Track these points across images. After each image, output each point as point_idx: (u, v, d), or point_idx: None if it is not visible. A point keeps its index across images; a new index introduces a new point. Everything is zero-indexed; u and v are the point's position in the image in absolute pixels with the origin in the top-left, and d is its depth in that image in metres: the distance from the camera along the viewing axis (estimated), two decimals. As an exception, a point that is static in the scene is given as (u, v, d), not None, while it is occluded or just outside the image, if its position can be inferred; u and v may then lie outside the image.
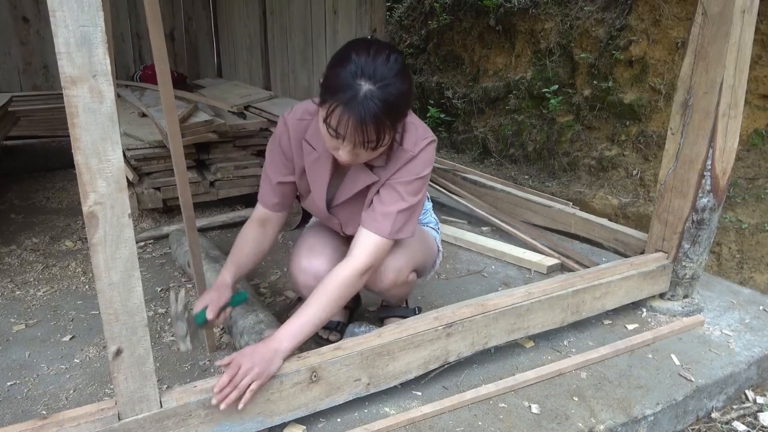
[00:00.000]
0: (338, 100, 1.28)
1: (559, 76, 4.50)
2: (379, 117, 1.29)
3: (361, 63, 1.29)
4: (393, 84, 1.30)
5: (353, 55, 1.30)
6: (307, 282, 1.66)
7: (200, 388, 1.33)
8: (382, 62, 1.30)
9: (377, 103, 1.28)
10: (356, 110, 1.28)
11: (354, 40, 1.39)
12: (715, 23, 1.77)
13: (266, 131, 3.30)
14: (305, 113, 1.56)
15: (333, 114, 1.30)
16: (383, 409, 1.58)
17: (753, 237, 3.09)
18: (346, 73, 1.29)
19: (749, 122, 3.47)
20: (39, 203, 3.44)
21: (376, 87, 1.28)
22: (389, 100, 1.29)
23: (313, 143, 1.54)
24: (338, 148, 1.38)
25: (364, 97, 1.27)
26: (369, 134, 1.31)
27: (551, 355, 1.86)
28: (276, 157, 1.61)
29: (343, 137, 1.33)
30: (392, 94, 1.30)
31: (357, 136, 1.31)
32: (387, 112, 1.30)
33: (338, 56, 1.35)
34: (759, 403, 1.86)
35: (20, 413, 1.59)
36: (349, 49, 1.33)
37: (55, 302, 2.22)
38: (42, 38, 4.90)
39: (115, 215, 1.08)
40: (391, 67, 1.30)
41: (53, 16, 0.94)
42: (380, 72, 1.29)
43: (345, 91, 1.28)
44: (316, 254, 1.69)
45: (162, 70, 1.50)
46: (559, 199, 2.96)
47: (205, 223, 2.95)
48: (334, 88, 1.30)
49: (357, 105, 1.27)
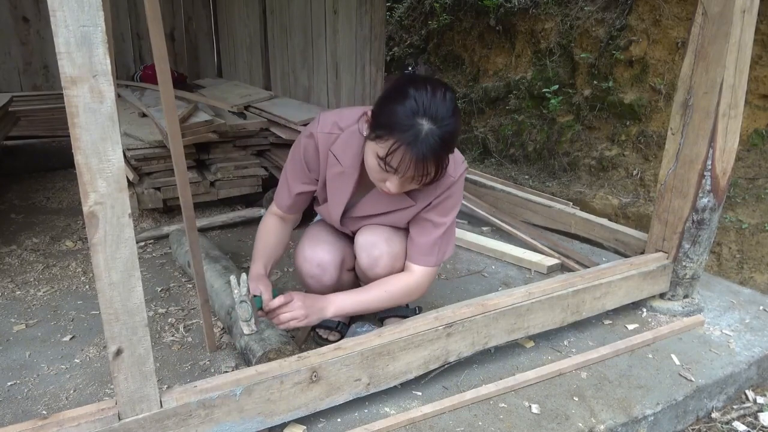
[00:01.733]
0: (400, 140, 1.31)
1: (559, 76, 4.50)
2: (438, 155, 1.33)
3: (422, 101, 1.31)
4: (451, 123, 1.34)
5: (412, 92, 1.32)
6: (311, 271, 1.70)
7: (200, 388, 1.33)
8: (440, 100, 1.33)
9: (437, 141, 1.31)
10: (418, 149, 1.31)
11: (409, 76, 1.46)
12: (716, 23, 1.77)
13: (266, 131, 3.31)
14: (334, 127, 1.56)
15: (395, 153, 1.32)
16: (383, 409, 1.58)
17: (753, 237, 3.09)
18: (407, 110, 1.31)
19: (749, 122, 3.47)
20: (39, 203, 3.44)
21: (436, 126, 1.31)
22: (448, 139, 1.34)
23: (339, 157, 1.56)
24: (386, 180, 1.42)
25: (425, 137, 1.30)
26: (428, 170, 1.35)
27: (551, 355, 1.86)
28: (298, 167, 1.63)
29: (400, 173, 1.36)
30: (450, 132, 1.34)
31: (414, 172, 1.35)
32: (445, 150, 1.35)
33: (394, 91, 1.37)
34: (759, 403, 1.86)
35: (20, 413, 1.59)
36: (406, 85, 1.35)
37: (55, 302, 2.22)
38: (42, 38, 4.90)
39: (115, 215, 1.08)
40: (448, 106, 1.34)
41: (53, 16, 0.94)
42: (440, 111, 1.32)
43: (407, 131, 1.30)
44: (320, 245, 1.72)
45: (162, 70, 1.50)
46: (559, 199, 2.96)
47: (205, 223, 2.95)
48: (394, 125, 1.32)
49: (419, 144, 1.30)
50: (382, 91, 1.43)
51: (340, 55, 3.73)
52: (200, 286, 1.76)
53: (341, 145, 1.55)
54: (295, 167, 1.64)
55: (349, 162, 1.55)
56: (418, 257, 1.62)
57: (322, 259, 1.69)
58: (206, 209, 3.18)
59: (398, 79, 1.41)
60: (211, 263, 2.19)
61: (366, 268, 1.68)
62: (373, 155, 1.39)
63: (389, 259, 1.64)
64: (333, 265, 1.71)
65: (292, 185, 1.66)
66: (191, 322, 2.07)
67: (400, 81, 1.39)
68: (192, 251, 1.71)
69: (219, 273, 2.11)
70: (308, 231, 1.81)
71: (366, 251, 1.65)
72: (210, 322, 1.84)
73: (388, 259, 1.64)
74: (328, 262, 1.69)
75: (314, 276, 1.70)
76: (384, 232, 1.65)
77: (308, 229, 1.84)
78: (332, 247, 1.72)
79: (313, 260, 1.70)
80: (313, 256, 1.70)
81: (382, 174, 1.40)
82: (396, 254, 1.65)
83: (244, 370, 1.42)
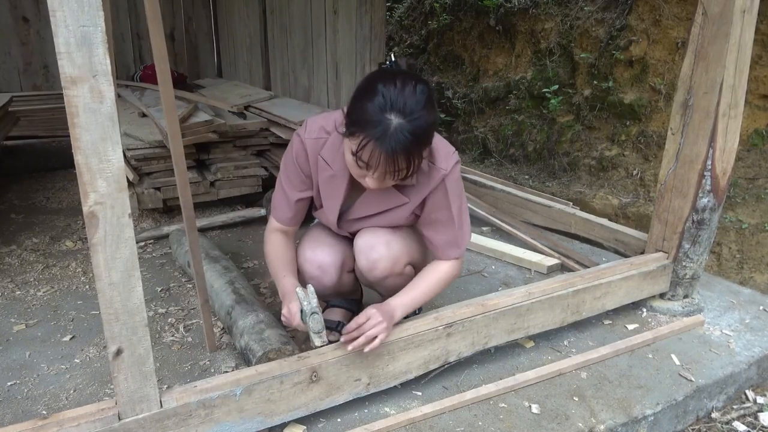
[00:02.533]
0: (369, 136, 1.31)
1: (559, 76, 4.50)
2: (409, 149, 1.32)
3: (390, 96, 1.30)
4: (421, 116, 1.32)
5: (380, 87, 1.32)
6: (312, 272, 1.70)
7: (200, 388, 1.33)
8: (409, 94, 1.31)
9: (407, 136, 1.30)
10: (387, 144, 1.30)
11: (379, 71, 1.41)
12: (716, 23, 1.77)
13: (266, 131, 3.31)
14: (321, 131, 1.56)
15: (364, 149, 1.32)
16: (383, 409, 1.58)
17: (753, 237, 3.09)
18: (375, 106, 1.31)
19: (749, 122, 3.47)
20: (39, 203, 3.44)
21: (405, 120, 1.30)
22: (418, 133, 1.32)
23: (328, 161, 1.56)
24: (365, 176, 1.42)
25: (394, 131, 1.30)
26: (399, 165, 1.34)
27: (551, 355, 1.86)
28: (294, 174, 1.62)
29: (373, 168, 1.36)
30: (421, 126, 1.32)
31: (387, 167, 1.35)
32: (416, 143, 1.33)
33: (364, 88, 1.36)
34: (759, 403, 1.86)
35: (20, 413, 1.59)
36: (374, 81, 1.35)
37: (55, 302, 2.22)
38: (42, 38, 4.90)
39: (115, 215, 1.08)
40: (419, 100, 1.32)
41: (53, 16, 0.95)
42: (409, 105, 1.31)
43: (375, 126, 1.30)
44: (321, 247, 1.72)
45: (162, 70, 1.50)
46: (559, 199, 2.96)
47: (205, 223, 2.94)
48: (363, 121, 1.32)
49: (388, 139, 1.30)
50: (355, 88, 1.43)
51: (340, 55, 3.73)
52: (200, 286, 1.76)
53: (329, 148, 1.55)
54: (290, 175, 1.63)
55: (338, 165, 1.54)
56: (442, 254, 1.64)
57: (322, 261, 1.70)
58: (206, 209, 3.18)
59: (369, 75, 1.41)
60: (211, 263, 2.19)
61: (365, 271, 1.67)
62: (349, 151, 1.39)
63: (388, 262, 1.63)
64: (333, 267, 1.71)
65: (290, 194, 1.64)
66: (191, 322, 2.07)
67: (371, 77, 1.38)
68: (192, 251, 1.71)
69: (219, 273, 2.11)
70: (308, 233, 1.82)
71: (364, 254, 1.65)
72: (210, 322, 1.84)
73: (387, 262, 1.63)
74: (328, 263, 1.69)
75: (315, 277, 1.70)
76: (383, 235, 1.64)
77: (308, 230, 1.84)
78: (332, 249, 1.72)
79: (313, 262, 1.70)
80: (313, 257, 1.70)
81: (359, 170, 1.40)
82: (395, 257, 1.64)
83: (244, 370, 1.42)
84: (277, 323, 1.78)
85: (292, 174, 1.62)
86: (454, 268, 1.65)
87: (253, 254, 2.70)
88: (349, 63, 3.67)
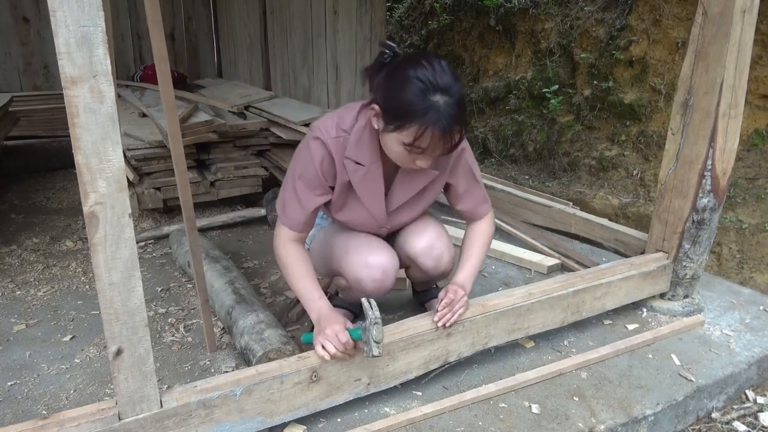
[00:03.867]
0: (423, 122, 1.34)
1: (559, 76, 4.50)
2: (459, 121, 1.38)
3: (427, 78, 1.34)
4: (458, 87, 1.37)
5: (411, 73, 1.35)
6: (375, 276, 1.65)
7: (200, 388, 1.33)
8: (439, 71, 1.35)
9: (456, 109, 1.35)
10: (442, 124, 1.34)
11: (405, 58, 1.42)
12: (716, 23, 1.77)
13: (266, 131, 3.31)
14: (339, 130, 1.54)
15: (422, 136, 1.36)
16: (383, 409, 1.58)
17: (753, 237, 3.09)
18: (416, 92, 1.34)
19: (749, 122, 3.47)
20: (39, 203, 3.44)
21: (449, 97, 1.35)
22: (461, 103, 1.37)
23: (358, 159, 1.54)
24: (416, 160, 1.45)
25: (444, 110, 1.34)
26: (453, 138, 1.40)
27: (551, 355, 1.86)
28: (314, 180, 1.57)
29: (431, 150, 1.40)
30: (462, 96, 1.38)
31: (443, 146, 1.40)
32: (463, 113, 1.39)
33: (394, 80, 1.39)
34: (759, 403, 1.86)
35: (21, 413, 1.59)
36: (403, 70, 1.38)
37: (55, 302, 2.22)
38: (42, 38, 4.90)
39: (115, 215, 1.08)
40: (447, 72, 1.37)
41: (53, 16, 0.95)
42: (445, 81, 1.35)
43: (426, 113, 1.33)
44: (380, 251, 1.69)
45: (162, 70, 1.50)
46: (560, 199, 2.96)
47: (205, 223, 2.95)
48: (411, 111, 1.34)
49: (440, 119, 1.34)
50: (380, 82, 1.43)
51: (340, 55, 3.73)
52: (200, 286, 1.76)
53: (354, 147, 1.53)
54: (308, 182, 1.57)
55: (369, 160, 1.55)
56: (477, 214, 1.75)
57: (385, 264, 1.66)
58: (206, 209, 3.18)
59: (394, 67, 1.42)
60: (211, 263, 2.19)
61: (431, 269, 1.76)
62: (397, 143, 1.41)
63: (448, 253, 1.76)
64: (394, 270, 1.69)
65: (306, 202, 1.57)
66: (191, 322, 2.07)
67: (397, 67, 1.40)
68: (192, 251, 1.71)
69: (219, 273, 2.11)
70: (344, 238, 1.74)
71: (427, 255, 1.73)
72: (210, 322, 1.84)
73: (448, 254, 1.76)
74: (390, 266, 1.67)
75: (378, 281, 1.65)
76: (432, 231, 1.75)
77: (337, 236, 1.77)
78: (390, 252, 1.70)
79: (376, 266, 1.65)
80: (375, 262, 1.65)
81: (410, 156, 1.43)
82: (448, 244, 1.77)
83: (244, 370, 1.42)
84: (276, 323, 1.78)
85: (310, 179, 1.56)
86: (491, 223, 1.78)
87: (253, 254, 2.70)
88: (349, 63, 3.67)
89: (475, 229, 1.77)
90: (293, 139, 3.24)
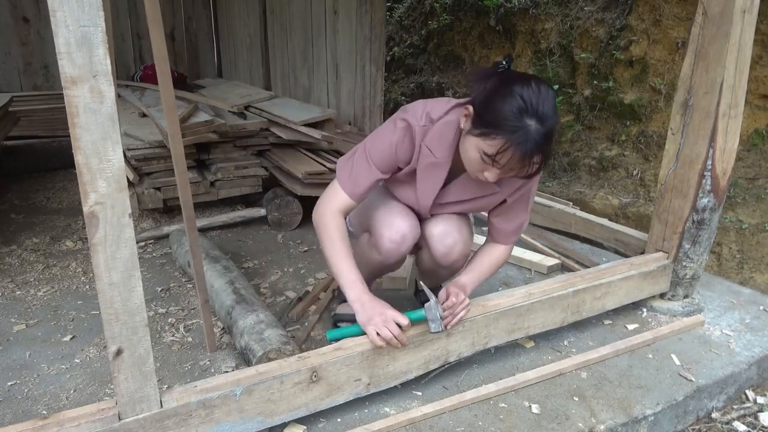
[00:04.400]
0: (510, 141, 1.35)
1: (559, 76, 4.50)
2: (543, 152, 1.38)
3: (530, 100, 1.35)
4: (554, 120, 1.38)
5: (517, 90, 1.36)
6: (393, 237, 1.68)
7: (200, 388, 1.33)
8: (544, 98, 1.36)
9: (542, 139, 1.36)
10: (525, 148, 1.35)
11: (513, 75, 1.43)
12: (716, 23, 1.77)
13: (266, 131, 3.31)
14: (426, 119, 1.58)
15: (504, 153, 1.37)
16: (383, 409, 1.58)
17: (753, 237, 3.09)
18: (514, 109, 1.35)
19: (749, 122, 3.47)
20: (39, 203, 3.44)
21: (542, 126, 1.35)
22: (551, 137, 1.38)
23: (433, 149, 1.58)
24: (485, 170, 1.45)
25: (533, 136, 1.35)
26: (531, 166, 1.40)
27: (551, 355, 1.86)
28: (387, 156, 1.61)
29: (505, 169, 1.42)
30: (555, 130, 1.39)
31: (518, 169, 1.41)
32: (549, 146, 1.39)
33: (499, 89, 1.40)
34: (759, 403, 1.86)
35: (21, 413, 1.59)
36: (510, 83, 1.39)
37: (55, 302, 2.22)
38: (42, 38, 4.90)
39: (115, 215, 1.08)
40: (551, 104, 1.38)
41: (53, 16, 0.94)
42: (545, 109, 1.36)
43: (515, 131, 1.34)
44: (406, 218, 1.71)
45: (162, 70, 1.50)
46: (560, 199, 2.96)
47: (205, 223, 2.95)
48: (502, 125, 1.36)
49: (526, 143, 1.35)
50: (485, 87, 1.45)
51: (340, 55, 3.73)
52: (200, 286, 1.76)
53: (434, 137, 1.57)
54: (382, 155, 1.61)
55: (442, 153, 1.58)
56: (503, 240, 1.76)
57: (406, 231, 1.69)
58: (206, 209, 3.18)
59: (502, 77, 1.43)
60: (211, 263, 2.19)
61: (441, 256, 1.74)
62: (476, 149, 1.43)
63: (462, 246, 1.74)
64: (412, 239, 1.72)
65: (373, 172, 1.61)
66: (191, 322, 2.07)
67: (505, 80, 1.41)
68: (192, 251, 1.71)
69: (219, 273, 2.11)
70: (387, 198, 1.79)
71: (441, 241, 1.73)
72: (210, 322, 1.84)
73: (462, 246, 1.74)
74: (410, 236, 1.70)
75: (395, 241, 1.68)
76: (454, 221, 1.74)
77: (382, 194, 1.81)
78: (414, 223, 1.73)
79: (399, 228, 1.68)
80: (400, 224, 1.69)
81: (483, 166, 1.44)
82: (466, 241, 1.76)
83: (244, 370, 1.42)
84: (276, 323, 1.78)
85: (384, 154, 1.60)
86: (508, 252, 1.79)
87: (253, 254, 2.70)
88: (349, 63, 3.67)
89: (494, 248, 1.77)
90: (293, 139, 3.24)
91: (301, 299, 2.24)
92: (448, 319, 1.57)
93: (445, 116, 1.57)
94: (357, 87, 3.68)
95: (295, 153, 3.27)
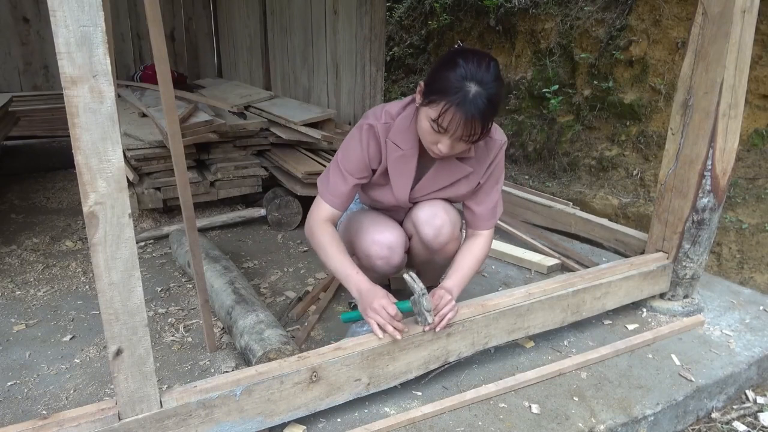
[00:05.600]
0: (450, 101, 1.44)
1: (559, 76, 4.50)
2: (484, 115, 1.46)
3: (469, 67, 1.45)
4: (495, 86, 1.47)
5: (460, 60, 1.46)
6: (381, 253, 1.75)
7: (200, 388, 1.33)
8: (485, 68, 1.46)
9: (484, 101, 1.44)
10: (466, 109, 1.43)
11: (457, 49, 1.54)
12: (716, 23, 1.77)
13: (266, 131, 3.31)
14: (388, 117, 1.67)
15: (445, 114, 1.45)
16: (383, 409, 1.58)
17: (753, 237, 3.09)
18: (456, 75, 1.45)
19: (749, 122, 3.47)
20: (39, 203, 3.44)
21: (482, 89, 1.44)
22: (493, 101, 1.46)
23: (398, 142, 1.66)
24: (438, 142, 1.53)
25: (473, 98, 1.43)
26: (474, 129, 1.47)
27: (551, 355, 1.86)
28: (358, 161, 1.68)
29: (450, 132, 1.48)
30: (494, 95, 1.46)
31: (463, 131, 1.47)
32: (491, 110, 1.47)
33: (444, 61, 1.51)
34: (759, 403, 1.86)
35: (20, 413, 1.59)
36: (454, 55, 1.50)
37: (55, 302, 2.22)
38: (42, 38, 4.90)
39: (115, 215, 1.08)
40: (492, 72, 1.47)
41: (53, 16, 0.94)
42: (485, 76, 1.45)
43: (455, 93, 1.44)
44: (387, 228, 1.78)
45: (162, 70, 1.50)
46: (560, 199, 2.96)
47: (205, 223, 2.95)
48: (444, 89, 1.46)
49: (467, 104, 1.43)
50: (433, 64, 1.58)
51: (340, 55, 3.72)
52: (200, 286, 1.76)
53: (397, 131, 1.65)
54: (352, 163, 1.68)
55: (407, 144, 1.65)
56: (481, 224, 1.79)
57: (391, 242, 1.75)
58: (206, 209, 3.18)
59: (448, 52, 1.54)
60: (211, 263, 2.19)
61: (431, 239, 1.75)
62: (426, 119, 1.51)
63: (450, 226, 1.76)
64: (400, 246, 1.77)
65: (349, 179, 1.68)
66: (191, 322, 2.07)
67: (451, 52, 1.53)
68: (192, 251, 1.71)
69: (219, 273, 2.11)
70: (361, 218, 1.84)
71: (428, 223, 1.75)
72: (210, 322, 1.84)
73: (450, 226, 1.75)
74: (397, 244, 1.76)
75: (384, 257, 1.75)
76: (439, 203, 1.77)
77: (356, 216, 1.87)
78: (397, 230, 1.79)
79: (383, 243, 1.75)
80: (382, 239, 1.75)
81: (435, 136, 1.52)
82: (454, 221, 1.78)
83: (244, 370, 1.42)
84: (276, 323, 1.78)
85: (355, 161, 1.68)
86: (489, 240, 1.80)
87: (253, 254, 2.70)
88: (349, 63, 3.67)
89: (473, 242, 1.79)
90: (293, 139, 3.24)
91: (301, 299, 2.24)
92: (437, 320, 1.58)
93: (404, 111, 1.66)
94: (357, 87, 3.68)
95: (295, 153, 3.27)
